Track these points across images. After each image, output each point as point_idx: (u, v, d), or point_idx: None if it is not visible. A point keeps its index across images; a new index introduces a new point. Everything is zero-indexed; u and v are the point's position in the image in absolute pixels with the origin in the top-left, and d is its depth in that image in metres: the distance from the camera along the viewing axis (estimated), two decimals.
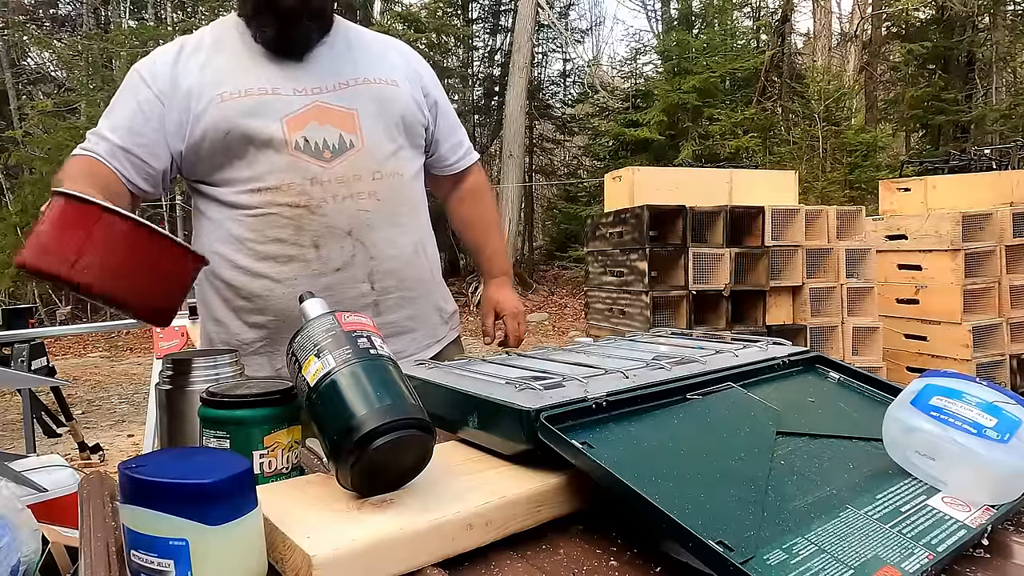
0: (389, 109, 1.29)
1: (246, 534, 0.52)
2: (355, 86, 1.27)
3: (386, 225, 1.26)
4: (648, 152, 12.93)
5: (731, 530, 0.51)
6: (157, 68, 1.23)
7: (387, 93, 1.30)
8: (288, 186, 1.19)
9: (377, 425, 0.58)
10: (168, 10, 13.53)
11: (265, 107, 1.19)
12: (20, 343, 3.43)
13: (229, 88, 1.20)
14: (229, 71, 1.22)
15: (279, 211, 1.20)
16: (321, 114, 1.22)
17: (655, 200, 3.74)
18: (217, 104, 1.19)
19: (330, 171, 1.20)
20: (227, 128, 1.19)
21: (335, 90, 1.25)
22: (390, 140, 1.29)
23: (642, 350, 0.98)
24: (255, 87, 1.21)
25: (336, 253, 1.22)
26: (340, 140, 1.22)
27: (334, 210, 1.20)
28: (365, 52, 1.33)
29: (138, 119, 1.20)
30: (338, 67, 1.27)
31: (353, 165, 1.22)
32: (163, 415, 0.85)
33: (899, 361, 4.17)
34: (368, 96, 1.27)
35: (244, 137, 1.19)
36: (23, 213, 11.48)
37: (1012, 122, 11.45)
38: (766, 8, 15.45)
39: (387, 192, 1.26)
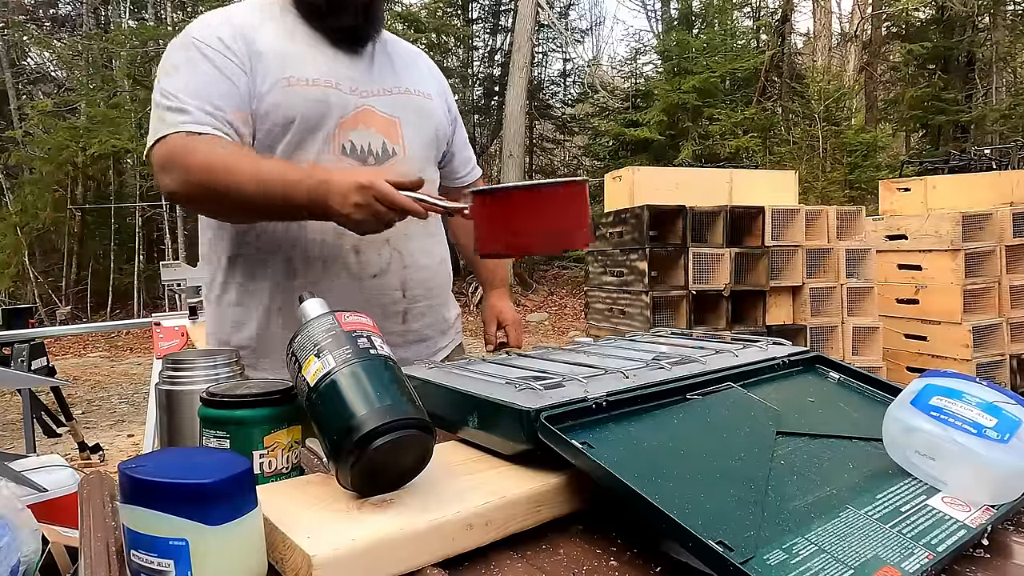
0: (426, 122, 1.31)
1: (246, 534, 0.52)
2: (398, 94, 1.27)
3: (421, 235, 1.28)
4: (648, 152, 12.93)
5: (731, 530, 0.51)
6: (224, 33, 1.13)
7: (425, 106, 1.31)
8: None
9: (377, 425, 0.58)
10: (168, 10, 13.53)
11: (327, 102, 1.17)
12: (20, 343, 3.43)
13: (296, 73, 1.15)
14: (294, 54, 1.17)
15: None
16: (368, 118, 1.21)
17: (655, 200, 3.73)
18: (283, 88, 1.14)
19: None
20: (291, 116, 1.14)
21: (381, 95, 1.24)
22: (425, 152, 1.31)
23: (642, 350, 0.98)
24: (320, 78, 1.17)
25: (374, 259, 1.21)
26: (383, 147, 1.22)
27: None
28: (401, 60, 1.33)
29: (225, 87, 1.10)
30: (384, 71, 1.27)
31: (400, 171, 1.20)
32: (163, 415, 0.85)
33: (899, 361, 4.17)
34: (410, 107, 1.28)
35: (304, 129, 1.15)
36: (23, 213, 11.48)
37: (1012, 122, 11.46)
38: (766, 8, 15.45)
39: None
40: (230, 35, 1.15)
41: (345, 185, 0.99)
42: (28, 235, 11.59)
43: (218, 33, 1.14)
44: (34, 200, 11.56)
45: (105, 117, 11.27)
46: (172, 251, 12.08)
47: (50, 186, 11.76)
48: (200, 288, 3.88)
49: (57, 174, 11.75)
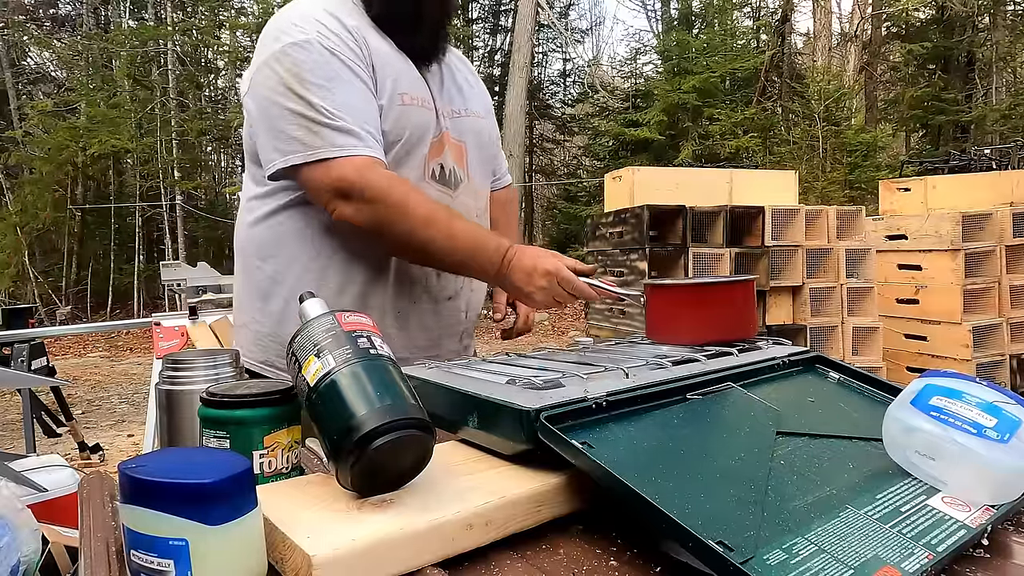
0: (485, 144, 1.30)
1: (246, 534, 0.52)
2: (463, 117, 1.25)
3: None
4: (648, 152, 12.94)
5: (731, 530, 0.51)
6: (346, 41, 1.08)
7: (483, 128, 1.30)
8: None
9: (377, 425, 0.58)
10: (168, 10, 13.53)
11: (428, 123, 1.15)
12: (20, 343, 3.43)
13: (407, 90, 1.13)
14: (399, 68, 1.13)
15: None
16: (447, 142, 1.20)
17: (655, 200, 3.73)
18: (399, 105, 1.11)
19: (454, 202, 1.19)
20: (402, 135, 1.11)
21: (451, 117, 1.22)
22: (484, 174, 1.31)
23: (642, 353, 0.98)
24: (420, 96, 1.14)
25: (451, 282, 1.23)
26: (454, 172, 1.21)
27: None
28: (461, 77, 1.30)
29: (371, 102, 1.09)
30: (451, 92, 1.24)
31: (463, 201, 1.22)
32: (163, 415, 0.85)
33: (899, 361, 4.17)
34: (473, 130, 1.26)
35: (408, 149, 1.13)
36: (23, 213, 11.49)
37: (1012, 122, 11.46)
38: (766, 8, 15.45)
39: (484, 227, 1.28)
40: (353, 40, 1.09)
41: (531, 266, 1.05)
42: (28, 235, 11.59)
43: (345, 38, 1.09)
44: (34, 200, 11.56)
45: (105, 117, 11.28)
46: (172, 251, 12.08)
47: (50, 186, 11.77)
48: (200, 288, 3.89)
49: (57, 174, 11.76)
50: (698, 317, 0.99)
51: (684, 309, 1.01)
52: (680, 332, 1.00)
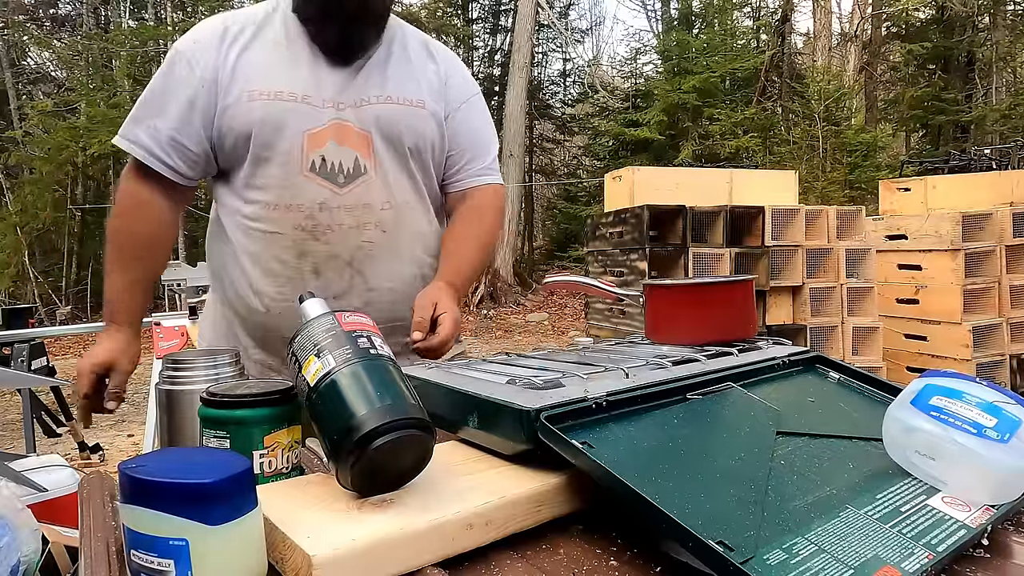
0: (408, 134, 1.22)
1: (246, 534, 0.52)
2: (377, 104, 1.20)
3: (388, 257, 1.23)
4: (648, 152, 12.94)
5: (731, 530, 0.51)
6: (199, 50, 1.17)
7: (409, 116, 1.23)
8: (298, 207, 1.16)
9: (377, 425, 0.58)
10: (168, 10, 13.53)
11: (291, 116, 1.15)
12: (20, 343, 3.43)
13: (260, 87, 1.15)
14: (264, 66, 1.17)
15: (285, 232, 1.17)
16: (340, 133, 1.17)
17: (655, 200, 3.74)
18: (245, 102, 1.14)
19: (341, 198, 1.17)
20: (249, 132, 1.15)
21: (356, 106, 1.19)
22: (402, 167, 1.23)
23: (642, 353, 0.98)
24: (286, 90, 1.15)
25: (335, 282, 1.20)
26: (355, 164, 1.18)
27: (338, 239, 1.18)
28: (403, 64, 1.26)
29: (181, 105, 1.16)
30: (370, 80, 1.21)
31: (365, 193, 1.19)
32: (163, 415, 0.85)
33: (899, 361, 4.17)
34: (388, 118, 1.21)
35: (264, 145, 1.15)
36: (23, 213, 11.48)
37: (1012, 122, 11.46)
38: (766, 8, 15.46)
39: (394, 223, 1.22)
40: (217, 46, 1.17)
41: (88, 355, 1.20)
42: (28, 235, 11.59)
43: (197, 44, 1.18)
44: (34, 200, 11.57)
45: (105, 117, 11.28)
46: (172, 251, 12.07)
47: (50, 186, 11.77)
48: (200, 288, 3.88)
49: (57, 174, 11.76)
50: (698, 317, 0.99)
51: (684, 309, 1.01)
52: (680, 332, 1.00)
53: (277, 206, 1.17)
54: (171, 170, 1.19)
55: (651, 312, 1.04)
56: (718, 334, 0.98)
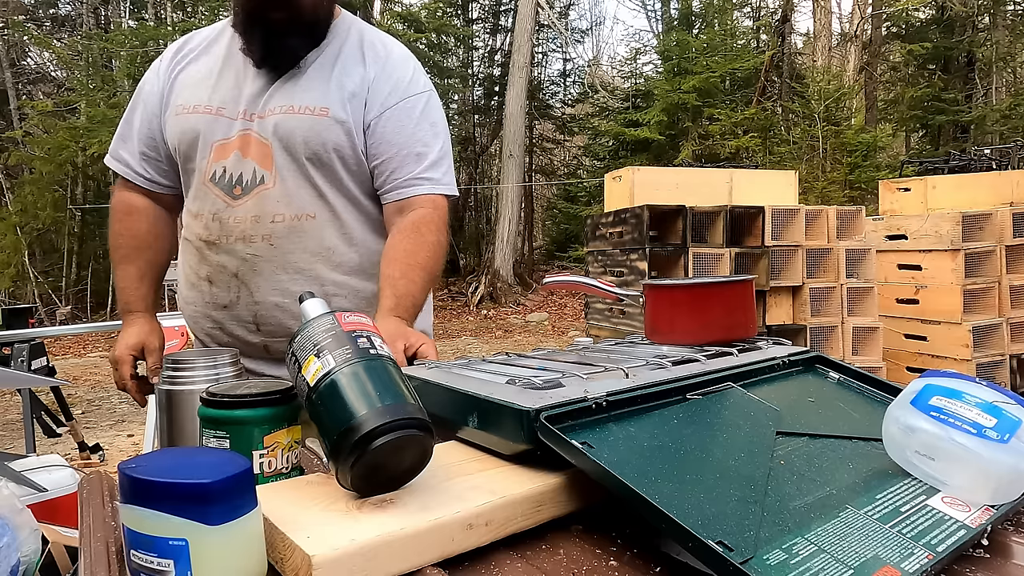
0: (306, 143, 1.17)
1: (246, 534, 0.52)
2: (278, 114, 1.18)
3: (275, 271, 1.19)
4: (648, 152, 12.94)
5: (731, 530, 0.51)
6: (158, 69, 1.29)
7: (309, 124, 1.18)
8: (200, 216, 1.22)
9: (377, 425, 0.58)
10: (168, 10, 13.53)
11: (206, 128, 1.21)
12: (20, 343, 3.43)
13: (184, 101, 1.23)
14: (194, 81, 1.24)
15: (192, 239, 1.25)
16: (245, 144, 1.19)
17: (655, 200, 3.73)
18: (173, 116, 1.24)
19: (232, 210, 1.19)
20: (175, 144, 1.24)
21: (263, 117, 1.19)
22: (303, 179, 1.19)
23: (642, 353, 0.98)
24: (203, 104, 1.21)
25: (223, 292, 1.23)
26: (253, 175, 1.19)
27: (226, 250, 1.21)
28: (323, 71, 1.21)
29: (143, 122, 1.28)
30: (283, 89, 1.20)
31: (256, 205, 1.18)
32: (163, 415, 0.85)
33: (899, 361, 4.17)
34: (287, 127, 1.17)
35: (185, 157, 1.23)
36: (23, 213, 11.49)
37: (1012, 122, 11.46)
38: (766, 8, 15.46)
39: (285, 236, 1.18)
40: (167, 65, 1.28)
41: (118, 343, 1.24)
42: (28, 235, 11.59)
43: (160, 63, 1.30)
44: (34, 200, 11.56)
45: (105, 117, 11.27)
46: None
47: (50, 186, 11.76)
48: None
49: (57, 174, 11.76)
50: (698, 317, 0.99)
51: (683, 309, 1.01)
52: (680, 332, 1.00)
53: (189, 212, 1.26)
54: (150, 182, 1.31)
55: (651, 312, 1.04)
56: (718, 334, 0.98)
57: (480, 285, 11.85)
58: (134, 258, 1.30)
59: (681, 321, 1.00)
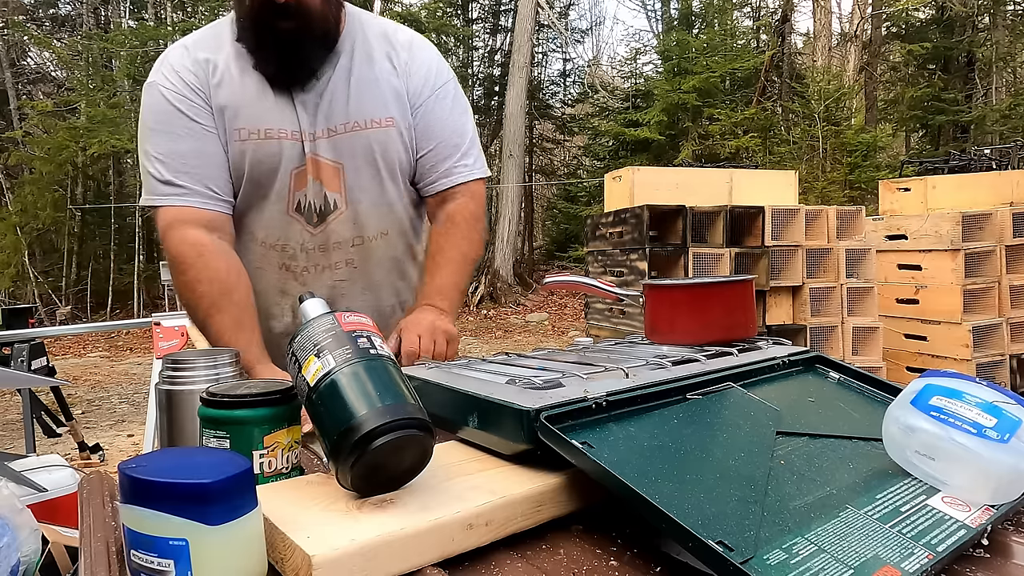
0: (378, 160, 1.17)
1: (246, 534, 0.52)
2: (343, 134, 1.15)
3: (361, 291, 1.21)
4: (648, 152, 12.94)
5: (731, 530, 0.51)
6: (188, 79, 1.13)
7: (376, 139, 1.17)
8: (283, 247, 1.16)
9: (377, 425, 0.58)
10: (168, 10, 13.53)
11: (279, 154, 1.12)
12: (20, 343, 3.43)
13: (246, 124, 1.12)
14: (243, 101, 1.12)
15: (270, 270, 1.18)
16: (315, 168, 1.15)
17: (655, 200, 3.73)
18: (235, 142, 1.12)
19: (314, 238, 1.17)
20: (244, 171, 1.12)
21: (326, 137, 1.15)
22: (377, 194, 1.19)
23: (642, 353, 0.98)
24: (270, 127, 1.12)
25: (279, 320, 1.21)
26: (325, 202, 1.16)
27: (312, 280, 1.18)
28: (365, 75, 1.18)
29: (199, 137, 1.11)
30: (332, 103, 1.15)
31: (335, 231, 1.17)
32: (163, 415, 0.85)
33: (899, 361, 4.17)
34: (355, 146, 1.16)
35: (256, 183, 1.13)
36: (23, 213, 11.49)
37: (1012, 122, 11.46)
38: (766, 8, 15.46)
39: (365, 257, 1.20)
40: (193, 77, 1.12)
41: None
42: (28, 235, 11.59)
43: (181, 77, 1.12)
44: (34, 200, 11.56)
45: (105, 117, 11.28)
46: None
47: (50, 186, 11.77)
48: None
49: (57, 174, 11.77)
50: (698, 317, 0.99)
51: (683, 309, 1.01)
52: (680, 332, 1.00)
53: (265, 243, 1.17)
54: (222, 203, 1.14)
55: (651, 312, 1.04)
56: (718, 334, 0.98)
57: (480, 285, 11.85)
58: (224, 305, 1.10)
59: (681, 321, 1.00)
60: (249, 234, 1.18)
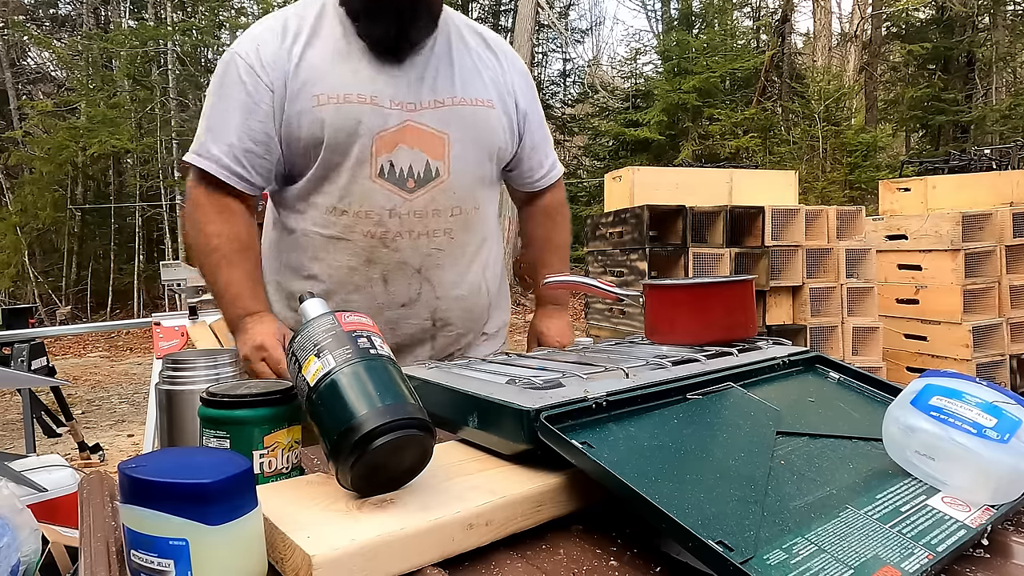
0: (481, 136, 1.21)
1: (246, 534, 0.52)
2: (451, 107, 1.17)
3: (456, 263, 1.22)
4: (648, 152, 12.94)
5: (731, 530, 0.51)
6: (264, 54, 1.13)
7: (481, 116, 1.21)
8: (367, 214, 1.14)
9: (377, 425, 0.58)
10: (168, 10, 13.52)
11: (361, 119, 1.11)
12: (20, 343, 3.43)
13: (326, 89, 1.12)
14: (327, 67, 1.13)
15: (354, 239, 1.15)
16: (413, 136, 1.14)
17: (655, 200, 3.73)
18: (312, 107, 1.11)
19: (410, 204, 1.15)
20: (321, 137, 1.11)
21: (431, 108, 1.16)
22: (477, 169, 1.21)
23: (642, 353, 0.98)
24: (354, 92, 1.12)
25: (403, 289, 1.18)
26: (426, 168, 1.15)
27: (408, 246, 1.15)
28: (464, 60, 1.23)
29: (250, 113, 1.13)
30: (437, 78, 1.18)
31: (435, 199, 1.16)
32: (163, 415, 0.85)
33: (899, 361, 4.17)
34: (462, 119, 1.18)
35: (335, 150, 1.12)
36: (23, 213, 11.49)
37: (1012, 122, 11.46)
38: (766, 8, 15.46)
39: (462, 228, 1.21)
40: (271, 49, 1.13)
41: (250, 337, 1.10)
42: (28, 235, 11.59)
43: (261, 48, 1.14)
44: (34, 200, 11.56)
45: (105, 117, 11.28)
46: (172, 251, 12.08)
47: (50, 186, 11.77)
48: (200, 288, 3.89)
49: (57, 174, 11.77)
50: (698, 317, 0.99)
51: (683, 309, 1.01)
52: (680, 332, 1.00)
53: (346, 212, 1.14)
54: (246, 183, 1.16)
55: (651, 312, 1.04)
56: (718, 334, 0.98)
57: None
58: (239, 261, 1.15)
59: (681, 321, 1.00)
60: (324, 205, 1.16)
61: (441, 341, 1.26)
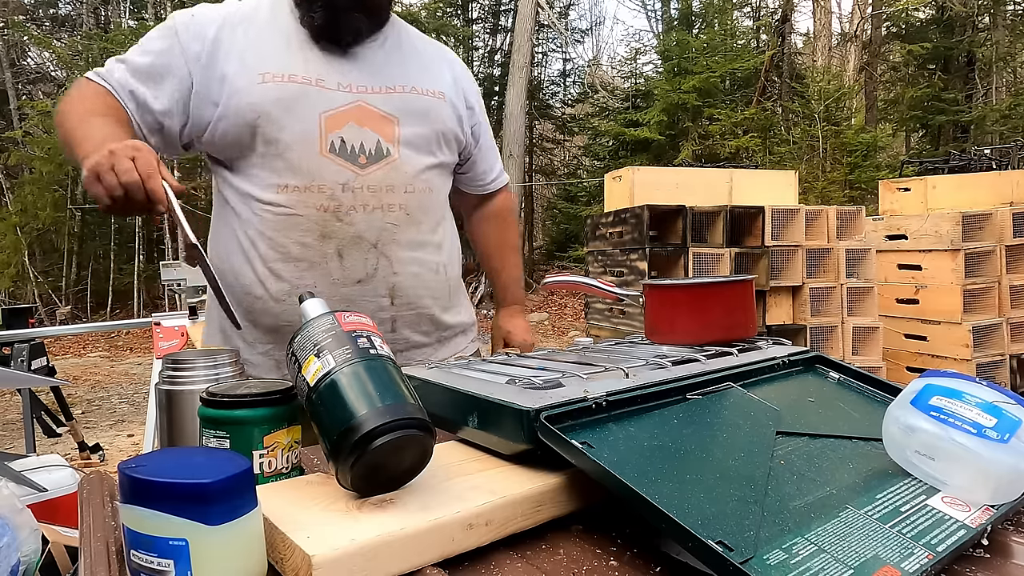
0: (432, 123, 1.26)
1: (246, 534, 0.52)
2: (402, 94, 1.23)
3: (412, 241, 1.23)
4: (648, 152, 12.94)
5: (731, 530, 0.51)
6: (196, 24, 1.17)
7: (433, 105, 1.26)
8: (319, 188, 1.15)
9: (377, 425, 0.58)
10: (168, 10, 13.52)
11: (306, 98, 1.15)
12: (20, 343, 3.43)
13: (272, 69, 1.15)
14: (276, 51, 1.18)
15: (306, 214, 1.15)
16: (362, 115, 1.18)
17: (655, 200, 3.73)
18: (257, 84, 1.14)
19: (364, 178, 1.16)
20: (263, 113, 1.14)
21: (382, 93, 1.21)
22: (427, 154, 1.25)
23: (642, 353, 0.98)
24: (299, 74, 1.16)
25: (359, 264, 1.18)
26: (377, 147, 1.18)
27: (362, 220, 1.16)
28: (416, 58, 1.30)
29: (158, 67, 1.15)
30: (387, 69, 1.24)
31: (387, 176, 1.18)
32: (163, 415, 0.85)
33: (899, 361, 4.17)
34: (413, 106, 1.23)
35: (279, 126, 1.14)
36: (23, 213, 11.49)
37: (1012, 122, 11.46)
38: (766, 8, 15.47)
39: (417, 206, 1.22)
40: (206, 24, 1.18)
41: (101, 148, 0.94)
42: (28, 235, 11.59)
43: (194, 19, 1.19)
44: (34, 200, 11.56)
45: None
46: (172, 251, 12.08)
47: (50, 186, 11.76)
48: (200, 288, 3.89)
49: (57, 174, 11.76)
50: (698, 317, 0.99)
51: (683, 309, 1.01)
52: (680, 332, 1.00)
53: (296, 188, 1.15)
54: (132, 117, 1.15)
55: (651, 312, 1.04)
56: (718, 334, 0.98)
57: (480, 285, 11.84)
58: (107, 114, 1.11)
59: (681, 321, 1.00)
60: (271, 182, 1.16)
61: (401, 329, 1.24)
